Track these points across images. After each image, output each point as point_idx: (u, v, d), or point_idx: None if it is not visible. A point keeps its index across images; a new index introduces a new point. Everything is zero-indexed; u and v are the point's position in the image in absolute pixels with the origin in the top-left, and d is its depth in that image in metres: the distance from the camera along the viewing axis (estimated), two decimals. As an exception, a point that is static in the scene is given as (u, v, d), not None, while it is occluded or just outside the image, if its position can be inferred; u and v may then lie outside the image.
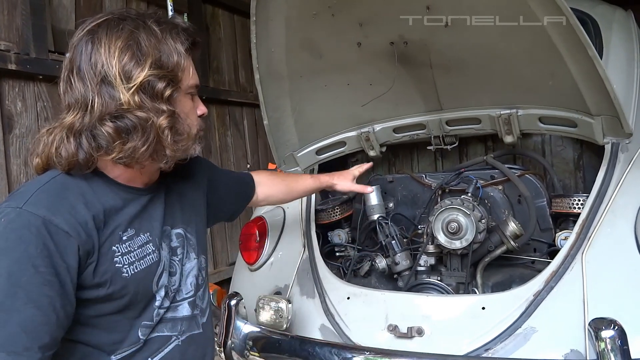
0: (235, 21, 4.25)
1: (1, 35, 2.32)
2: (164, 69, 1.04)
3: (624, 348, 1.21)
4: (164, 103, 1.04)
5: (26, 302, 0.91)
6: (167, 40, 1.05)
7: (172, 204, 1.23)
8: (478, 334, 1.51)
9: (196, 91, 1.16)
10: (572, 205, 1.83)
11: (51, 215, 0.95)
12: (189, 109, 1.13)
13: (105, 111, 1.00)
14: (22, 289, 0.90)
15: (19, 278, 0.90)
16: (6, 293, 0.90)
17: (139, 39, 1.02)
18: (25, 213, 0.94)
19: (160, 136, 1.04)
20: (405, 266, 1.95)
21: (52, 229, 0.94)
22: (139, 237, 1.10)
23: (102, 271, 1.01)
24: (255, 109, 4.29)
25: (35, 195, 0.97)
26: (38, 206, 0.95)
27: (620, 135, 1.70)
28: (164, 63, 1.04)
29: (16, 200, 0.96)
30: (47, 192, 0.99)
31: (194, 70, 1.13)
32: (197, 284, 1.25)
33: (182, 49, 1.07)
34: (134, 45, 1.02)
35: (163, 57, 1.03)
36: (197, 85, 1.14)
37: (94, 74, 1.01)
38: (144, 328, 1.11)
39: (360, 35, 1.72)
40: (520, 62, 1.69)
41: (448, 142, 2.19)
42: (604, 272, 1.48)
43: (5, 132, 2.29)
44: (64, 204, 0.98)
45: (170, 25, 1.08)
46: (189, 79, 1.11)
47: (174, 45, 1.06)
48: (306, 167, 2.20)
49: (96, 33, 1.03)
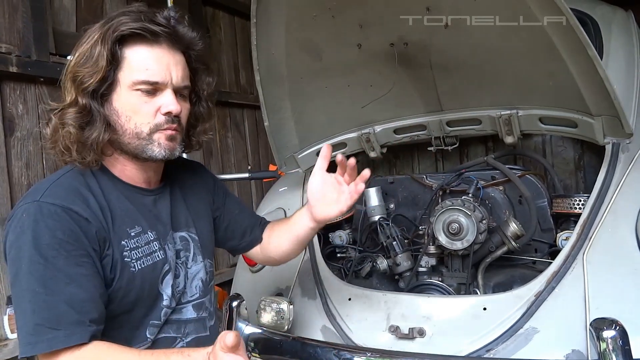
0: (236, 23, 4.25)
1: (2, 37, 2.32)
2: (88, 62, 1.04)
3: (626, 348, 1.21)
4: (83, 96, 1.05)
5: (68, 283, 0.95)
6: (103, 30, 1.05)
7: (177, 206, 1.25)
8: (479, 334, 1.50)
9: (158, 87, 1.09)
10: (573, 205, 1.83)
11: (69, 204, 0.99)
12: (134, 106, 1.07)
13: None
14: (60, 272, 0.95)
15: (56, 262, 0.95)
16: (47, 277, 0.94)
17: (83, 38, 1.08)
18: (45, 204, 0.98)
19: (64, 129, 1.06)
20: (406, 267, 1.95)
21: (73, 215, 0.99)
22: (146, 235, 1.12)
23: (114, 264, 1.04)
24: (255, 110, 4.29)
25: (50, 189, 1.01)
26: (55, 198, 0.99)
27: (620, 136, 1.70)
28: (89, 56, 1.04)
29: (32, 196, 1.01)
30: (60, 186, 1.03)
31: (148, 65, 1.07)
32: (203, 287, 1.26)
33: (111, 43, 1.03)
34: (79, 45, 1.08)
35: (92, 49, 1.04)
36: (151, 81, 1.07)
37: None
38: (152, 327, 1.12)
39: (361, 36, 1.72)
40: (521, 63, 1.69)
41: (449, 143, 2.19)
42: (605, 272, 1.48)
43: (7, 135, 2.30)
44: (78, 196, 1.03)
45: (123, 14, 1.07)
46: (130, 75, 1.06)
47: (110, 35, 1.04)
48: (307, 169, 2.20)
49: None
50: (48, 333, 0.93)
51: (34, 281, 0.94)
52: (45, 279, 0.94)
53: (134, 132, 1.09)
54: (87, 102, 1.04)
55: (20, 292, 0.95)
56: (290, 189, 2.32)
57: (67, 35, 2.58)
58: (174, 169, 1.29)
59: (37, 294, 0.93)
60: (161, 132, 1.10)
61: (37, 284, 0.93)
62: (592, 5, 2.36)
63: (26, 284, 0.94)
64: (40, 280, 0.94)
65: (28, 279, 0.94)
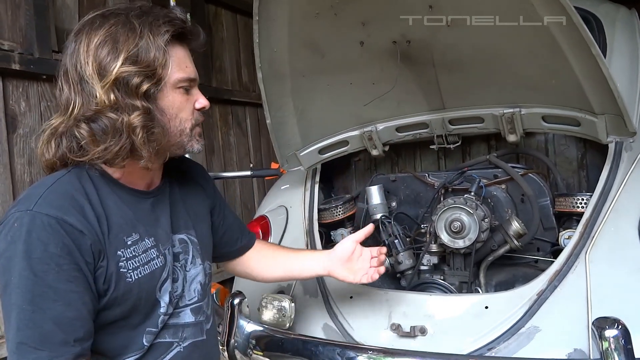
0: (238, 21, 4.25)
1: (5, 35, 2.32)
2: (139, 64, 1.01)
3: (628, 347, 1.20)
4: (139, 99, 1.02)
5: (56, 300, 0.92)
6: (144, 34, 1.02)
7: (176, 208, 1.22)
8: (481, 333, 1.50)
9: (192, 84, 1.12)
10: (575, 204, 1.83)
11: (63, 214, 0.95)
12: (179, 103, 1.09)
13: (82, 112, 1.01)
14: (50, 288, 0.92)
15: (45, 277, 0.92)
16: (36, 293, 0.91)
17: (116, 35, 1.01)
18: (38, 215, 0.94)
19: (132, 135, 1.02)
20: (408, 265, 1.95)
21: (67, 228, 0.95)
22: (144, 242, 1.09)
23: (108, 276, 1.01)
24: (257, 108, 4.29)
25: (43, 197, 0.97)
26: (49, 207, 0.95)
27: (624, 134, 1.70)
28: (140, 58, 1.01)
29: (25, 204, 0.96)
30: (55, 193, 0.99)
31: (185, 63, 1.10)
32: (202, 291, 1.24)
33: (161, 41, 1.03)
34: (111, 41, 1.01)
35: (139, 52, 1.01)
36: (191, 78, 1.11)
37: (75, 74, 1.02)
38: (149, 334, 1.10)
39: (363, 34, 1.71)
40: (524, 61, 1.69)
41: (451, 141, 2.18)
42: (608, 271, 1.48)
43: (9, 132, 2.30)
44: (74, 204, 0.98)
45: (153, 16, 1.05)
46: (175, 73, 1.07)
47: (153, 38, 1.02)
48: (309, 166, 2.20)
49: (80, 33, 1.04)
50: (31, 353, 0.90)
51: (21, 296, 0.91)
52: (34, 295, 0.91)
53: (179, 129, 1.10)
54: (146, 104, 1.03)
55: (9, 306, 0.92)
56: (292, 187, 2.32)
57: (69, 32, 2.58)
58: (173, 168, 1.26)
59: (24, 311, 0.90)
60: (198, 127, 1.15)
61: (23, 300, 0.90)
62: (595, 3, 2.36)
63: (14, 298, 0.91)
64: (29, 295, 0.91)
65: (16, 293, 0.91)
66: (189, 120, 1.12)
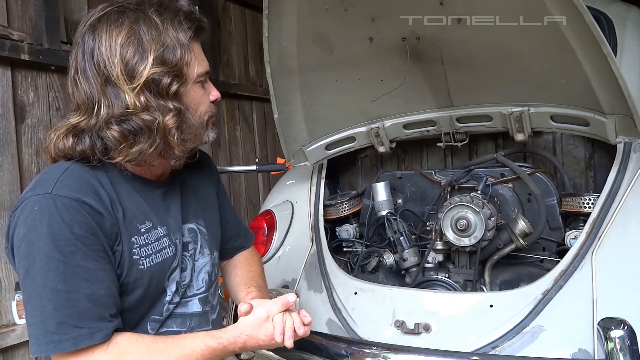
0: (247, 15, 4.25)
1: (14, 25, 2.33)
2: (168, 64, 1.01)
3: (634, 348, 1.20)
4: (170, 100, 1.02)
5: (88, 279, 0.94)
6: (169, 31, 1.02)
7: (187, 198, 1.23)
8: (485, 331, 1.50)
9: (207, 77, 1.13)
10: (582, 204, 1.82)
11: (82, 196, 0.96)
12: (199, 97, 1.11)
13: (111, 114, 1.00)
14: (80, 268, 0.94)
15: (74, 258, 0.93)
16: (67, 274, 0.93)
17: (139, 34, 1.00)
18: (58, 197, 0.94)
19: (167, 137, 1.03)
20: (413, 262, 1.95)
21: (87, 209, 0.96)
22: (156, 230, 1.10)
23: (122, 261, 1.02)
24: (264, 103, 4.29)
25: (60, 181, 0.97)
26: (67, 189, 0.96)
27: (633, 135, 1.69)
28: (167, 58, 1.01)
29: (42, 187, 0.96)
30: (70, 177, 0.99)
31: (202, 56, 1.10)
32: (209, 281, 1.25)
33: (184, 38, 1.03)
34: (135, 41, 1.00)
35: (166, 51, 1.01)
36: (207, 71, 1.12)
37: (98, 74, 1.00)
38: (153, 322, 1.11)
39: (372, 30, 1.71)
40: (533, 59, 1.68)
41: (458, 139, 2.18)
42: (614, 272, 1.47)
43: (18, 122, 2.31)
44: (90, 188, 0.99)
45: (172, 12, 1.04)
46: (196, 68, 1.08)
47: (176, 36, 1.02)
48: (315, 162, 2.20)
49: (96, 29, 1.02)
50: (72, 331, 0.92)
51: (54, 278, 0.91)
52: (66, 275, 0.92)
53: (199, 122, 1.11)
54: (178, 105, 1.04)
55: (34, 289, 0.92)
56: (298, 182, 2.32)
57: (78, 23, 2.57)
58: None
59: (58, 292, 0.91)
60: (213, 117, 1.16)
61: (57, 281, 0.91)
62: (606, 2, 2.34)
63: (42, 281, 0.91)
64: (61, 277, 0.92)
65: (45, 275, 0.91)
66: (207, 113, 1.13)
